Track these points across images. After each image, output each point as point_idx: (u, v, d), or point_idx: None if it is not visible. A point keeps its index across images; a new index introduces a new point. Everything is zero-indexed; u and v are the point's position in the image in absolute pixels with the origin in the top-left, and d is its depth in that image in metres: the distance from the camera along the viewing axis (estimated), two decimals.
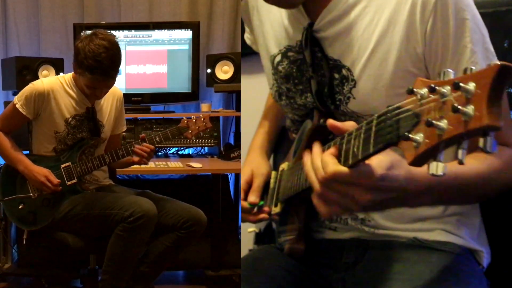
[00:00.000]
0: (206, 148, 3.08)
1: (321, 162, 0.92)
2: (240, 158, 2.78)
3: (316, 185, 0.93)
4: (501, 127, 0.66)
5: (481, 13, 1.12)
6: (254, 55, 1.51)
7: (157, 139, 2.20)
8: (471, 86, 0.67)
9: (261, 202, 1.34)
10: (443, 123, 0.69)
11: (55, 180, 2.13)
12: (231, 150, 2.88)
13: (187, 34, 3.10)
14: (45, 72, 2.95)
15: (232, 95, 3.24)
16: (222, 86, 3.05)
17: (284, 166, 1.34)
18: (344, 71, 1.18)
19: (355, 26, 1.15)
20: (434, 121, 0.69)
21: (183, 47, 3.11)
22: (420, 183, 0.94)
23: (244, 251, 1.52)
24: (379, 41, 1.13)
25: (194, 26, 3.13)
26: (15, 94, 2.98)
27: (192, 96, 3.16)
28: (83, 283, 2.68)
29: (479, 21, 1.10)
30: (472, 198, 1.15)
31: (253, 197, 1.34)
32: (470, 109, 0.66)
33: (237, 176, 3.12)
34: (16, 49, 3.33)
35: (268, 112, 1.58)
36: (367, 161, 0.88)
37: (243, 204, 1.35)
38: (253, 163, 1.42)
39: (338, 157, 0.91)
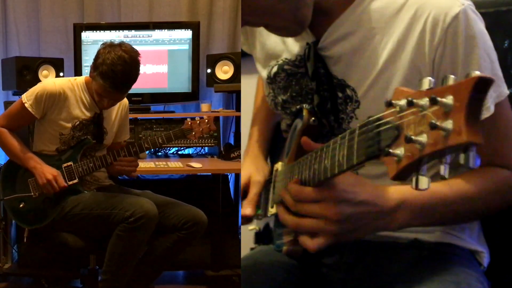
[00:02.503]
0: (206, 148, 3.08)
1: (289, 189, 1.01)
2: (240, 158, 2.78)
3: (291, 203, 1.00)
4: (481, 143, 0.63)
5: (481, 13, 1.11)
6: None
7: (160, 140, 2.18)
8: (449, 99, 0.64)
9: (258, 211, 1.32)
10: (423, 138, 0.67)
11: (62, 183, 2.12)
12: (231, 150, 2.87)
13: (187, 34, 3.10)
14: (45, 72, 2.94)
15: (232, 95, 3.24)
16: (222, 86, 3.04)
17: (278, 166, 1.33)
18: (348, 91, 1.16)
19: (362, 46, 1.14)
20: (413, 137, 0.67)
21: (183, 47, 3.10)
22: (391, 198, 0.98)
23: (244, 251, 1.51)
24: (386, 64, 1.11)
25: (194, 26, 3.12)
26: (15, 94, 2.98)
27: (192, 96, 3.16)
28: (83, 283, 2.68)
29: (489, 48, 1.09)
30: (457, 218, 1.13)
31: (248, 209, 1.29)
32: (448, 124, 0.64)
33: (237, 176, 3.11)
34: (16, 49, 3.32)
35: (258, 113, 1.57)
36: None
37: (242, 212, 1.30)
38: (251, 167, 1.41)
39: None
